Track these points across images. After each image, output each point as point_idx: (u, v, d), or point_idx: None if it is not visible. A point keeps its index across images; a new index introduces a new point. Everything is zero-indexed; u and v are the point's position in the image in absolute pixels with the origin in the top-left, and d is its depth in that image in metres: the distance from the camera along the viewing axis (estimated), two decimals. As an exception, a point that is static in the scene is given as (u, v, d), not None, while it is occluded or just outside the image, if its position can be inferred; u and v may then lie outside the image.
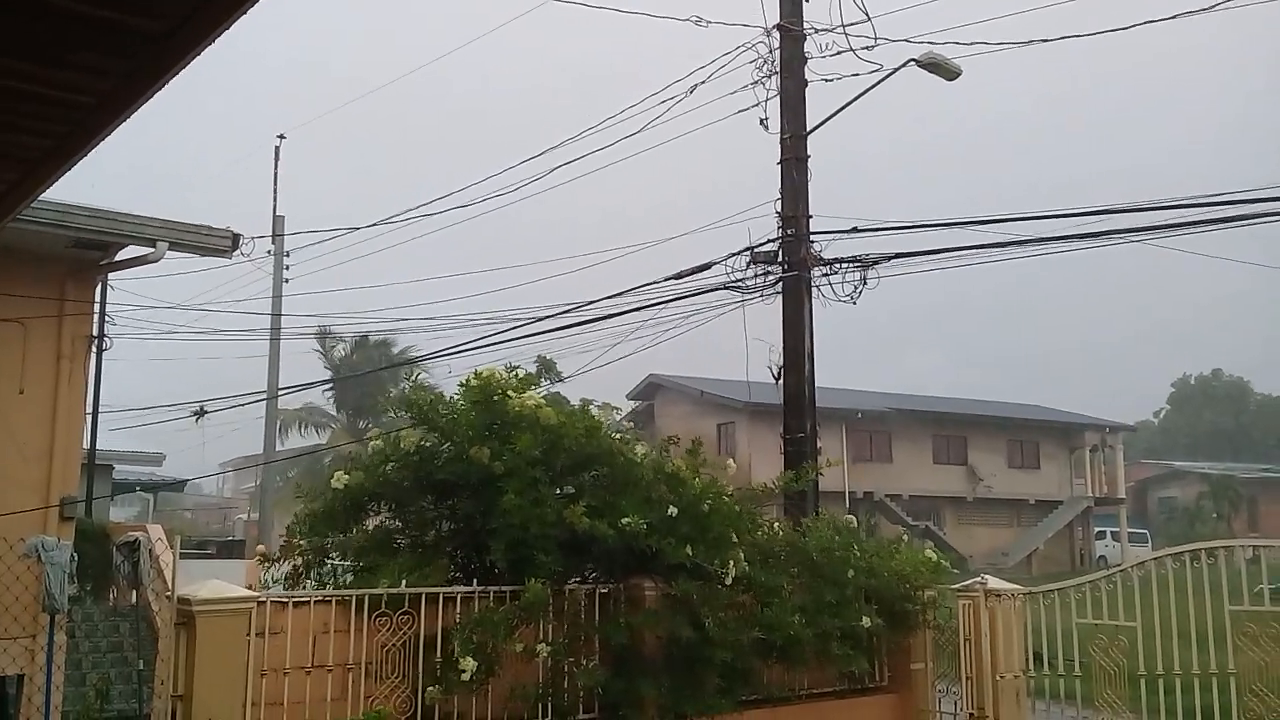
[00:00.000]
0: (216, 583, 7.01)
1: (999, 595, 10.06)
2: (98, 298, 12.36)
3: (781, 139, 13.10)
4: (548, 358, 10.01)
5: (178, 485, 32.85)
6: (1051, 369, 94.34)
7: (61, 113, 3.78)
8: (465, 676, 7.13)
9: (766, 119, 13.19)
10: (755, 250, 13.09)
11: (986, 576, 10.54)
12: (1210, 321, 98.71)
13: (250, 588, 8.59)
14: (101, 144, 4.12)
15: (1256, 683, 8.95)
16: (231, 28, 2.83)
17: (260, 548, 11.54)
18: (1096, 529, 47.00)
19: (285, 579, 8.50)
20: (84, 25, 2.94)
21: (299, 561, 8.50)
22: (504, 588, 7.73)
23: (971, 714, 9.88)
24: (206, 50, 2.91)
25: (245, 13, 2.55)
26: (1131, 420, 58.81)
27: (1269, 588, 10.16)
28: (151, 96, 3.41)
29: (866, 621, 9.07)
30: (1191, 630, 9.26)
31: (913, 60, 13.17)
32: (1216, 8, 11.51)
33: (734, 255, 13.14)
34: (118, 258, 10.85)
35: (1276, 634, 8.85)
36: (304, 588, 8.41)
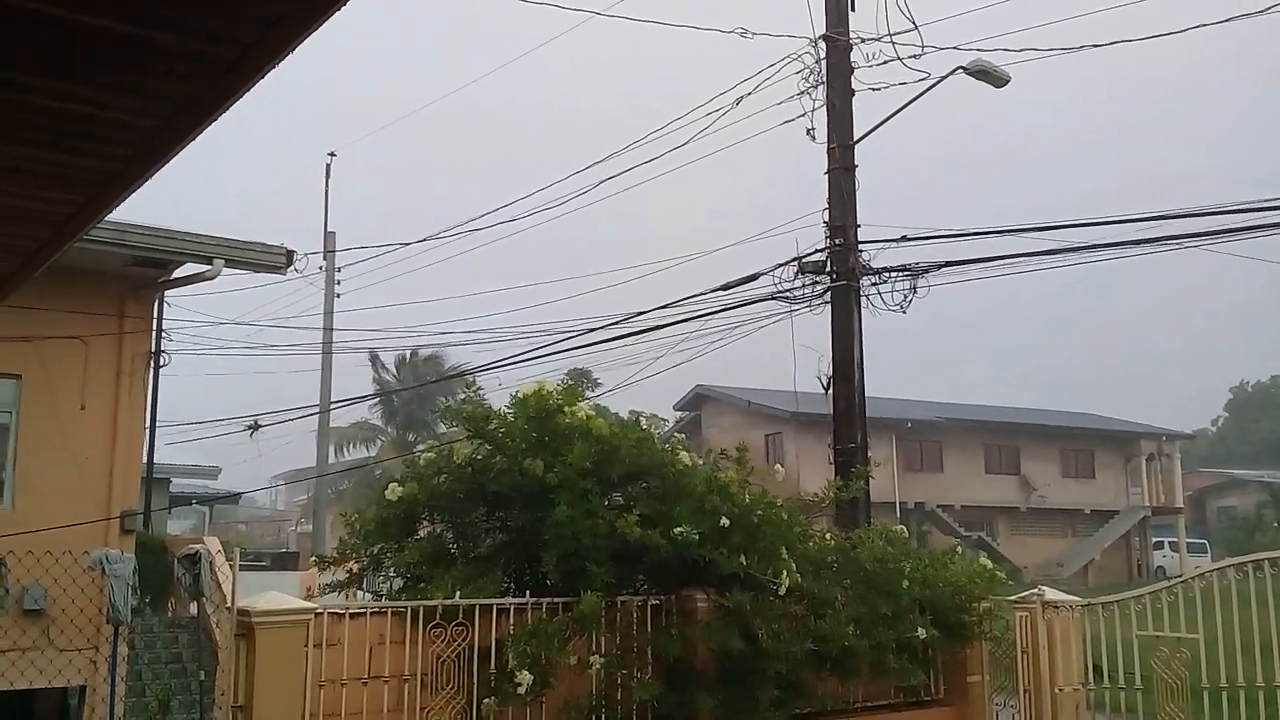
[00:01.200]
0: (275, 594, 7.10)
1: (1056, 607, 9.92)
2: (156, 314, 12.64)
3: (829, 149, 13.06)
4: (582, 369, 10.05)
5: (233, 498, 33.32)
6: (1105, 377, 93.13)
7: (126, 136, 3.86)
8: (521, 689, 7.16)
9: (813, 129, 13.17)
10: (803, 260, 13.05)
11: (1044, 588, 10.39)
12: (1268, 328, 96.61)
13: (309, 593, 8.69)
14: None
15: (1323, 696, 8.75)
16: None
17: (312, 559, 11.68)
18: (1154, 539, 46.14)
19: (338, 586, 8.59)
20: (148, 50, 3.01)
21: (354, 569, 8.60)
22: (556, 599, 7.75)
23: (1029, 727, 9.75)
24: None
25: (310, 37, 2.61)
26: (1189, 428, 57.78)
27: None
28: (215, 120, 3.49)
29: (922, 633, 8.98)
30: (1255, 642, 9.07)
31: (961, 68, 13.08)
32: (1269, 11, 11.32)
33: (781, 265, 13.12)
34: (175, 275, 11.10)
35: (1343, 646, 8.64)
36: (358, 598, 8.51)
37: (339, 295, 27.83)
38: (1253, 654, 9.10)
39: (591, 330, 14.92)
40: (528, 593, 8.16)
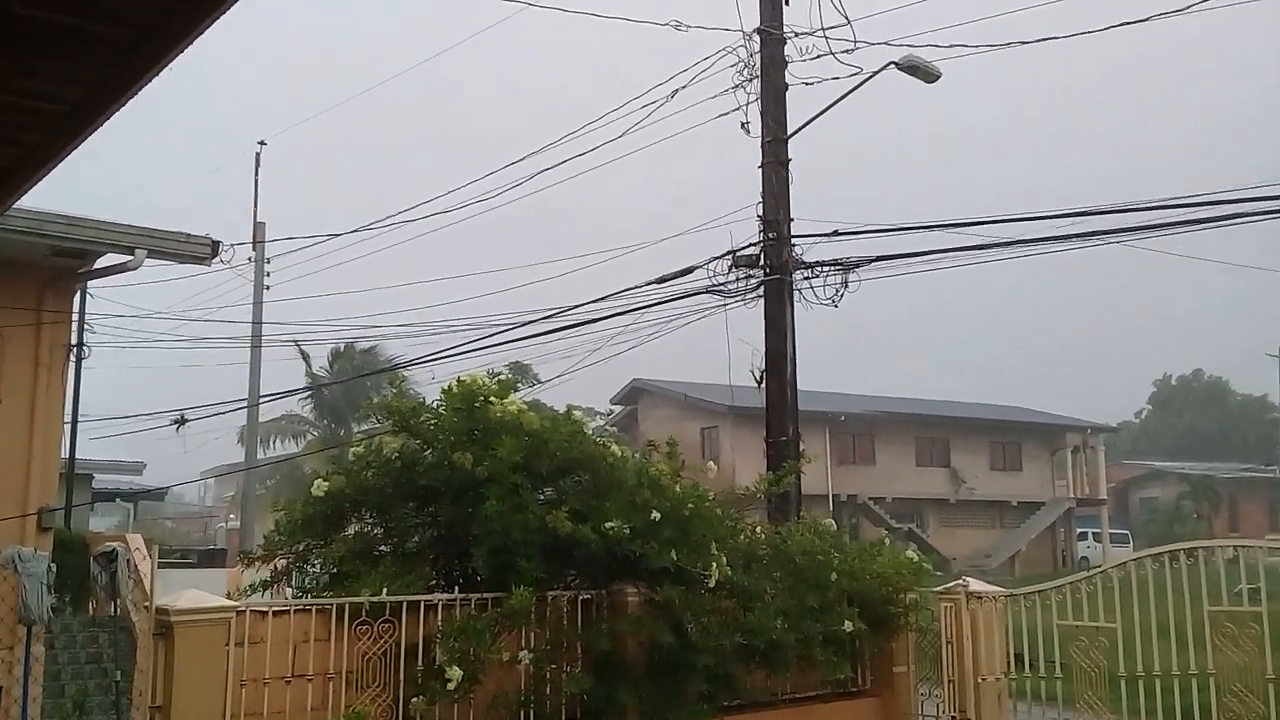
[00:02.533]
0: (195, 592, 6.95)
1: (980, 597, 10.09)
2: (76, 306, 12.32)
3: (762, 143, 13.13)
4: (522, 363, 10.01)
5: (158, 494, 32.61)
6: (1034, 371, 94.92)
7: (33, 120, 3.75)
8: (451, 686, 7.10)
9: (748, 123, 13.23)
10: (737, 254, 13.11)
11: (968, 579, 10.57)
12: (1190, 322, 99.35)
13: (230, 594, 8.53)
14: (76, 153, 4.10)
15: (1236, 683, 8.98)
16: (204, 36, 2.81)
17: (240, 554, 11.48)
18: (1079, 530, 47.22)
19: (263, 585, 8.44)
20: (52, 32, 2.92)
21: (278, 566, 8.46)
22: (486, 595, 7.70)
23: (954, 716, 9.90)
24: (179, 61, 2.90)
25: (215, 21, 2.54)
26: (1113, 421, 59.27)
27: (1248, 588, 10.21)
28: (124, 104, 3.38)
29: (849, 625, 9.09)
30: (1171, 631, 9.29)
31: (893, 63, 13.22)
32: (1190, 9, 11.60)
33: (716, 259, 13.17)
34: (96, 265, 10.81)
35: (1256, 634, 8.88)
36: (283, 595, 8.38)
37: (268, 287, 27.39)
38: (1169, 642, 9.33)
39: (527, 323, 14.86)
40: (457, 589, 8.10)
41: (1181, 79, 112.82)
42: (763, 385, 13.00)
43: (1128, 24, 12.45)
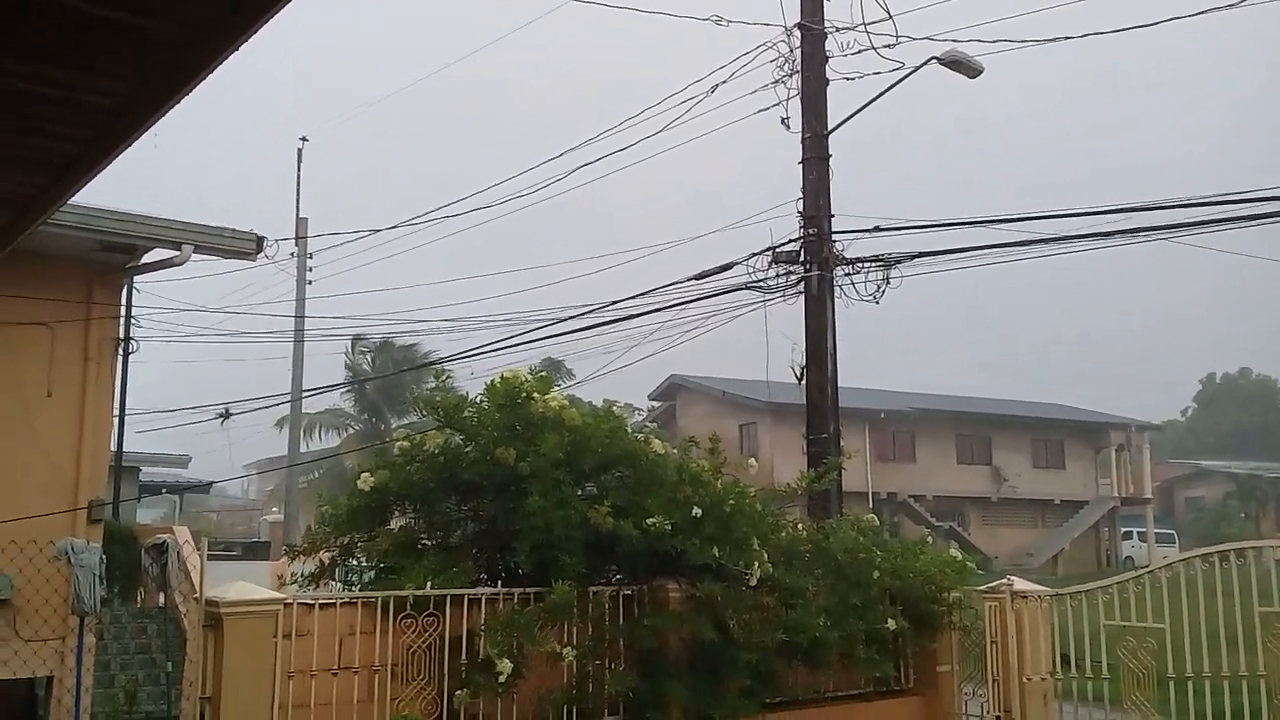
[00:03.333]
0: (244, 584, 7.04)
1: (1025, 596, 9.99)
2: (124, 300, 12.47)
3: (803, 138, 13.06)
4: (555, 358, 10.03)
5: (203, 487, 33.09)
6: (1076, 368, 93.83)
7: (88, 118, 3.80)
8: (502, 678, 7.12)
9: (788, 118, 13.18)
10: (777, 250, 13.06)
11: (1013, 578, 10.46)
12: (1238, 319, 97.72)
13: (278, 580, 8.61)
14: (127, 151, 4.16)
15: (1287, 685, 8.84)
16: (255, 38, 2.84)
17: (283, 549, 11.60)
18: (1123, 529, 46.58)
19: (309, 578, 8.52)
20: (107, 30, 2.96)
21: (325, 559, 8.54)
22: (529, 589, 7.73)
23: (998, 716, 9.82)
24: (232, 60, 2.93)
25: (270, 20, 2.56)
26: (1158, 419, 58.29)
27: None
28: (177, 103, 3.43)
29: (892, 624, 9.03)
30: (1221, 632, 9.16)
31: (934, 58, 13.11)
32: (1243, 3, 11.40)
33: (755, 255, 13.13)
34: (143, 260, 10.93)
35: (1307, 635, 8.74)
36: (329, 588, 8.46)
37: (311, 282, 27.64)
38: (1218, 644, 9.20)
39: (567, 319, 14.90)
40: (499, 583, 8.12)
41: (1228, 66, 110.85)
42: (803, 382, 12.94)
43: (1177, 19, 12.25)
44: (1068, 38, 13.27)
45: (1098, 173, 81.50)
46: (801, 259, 12.95)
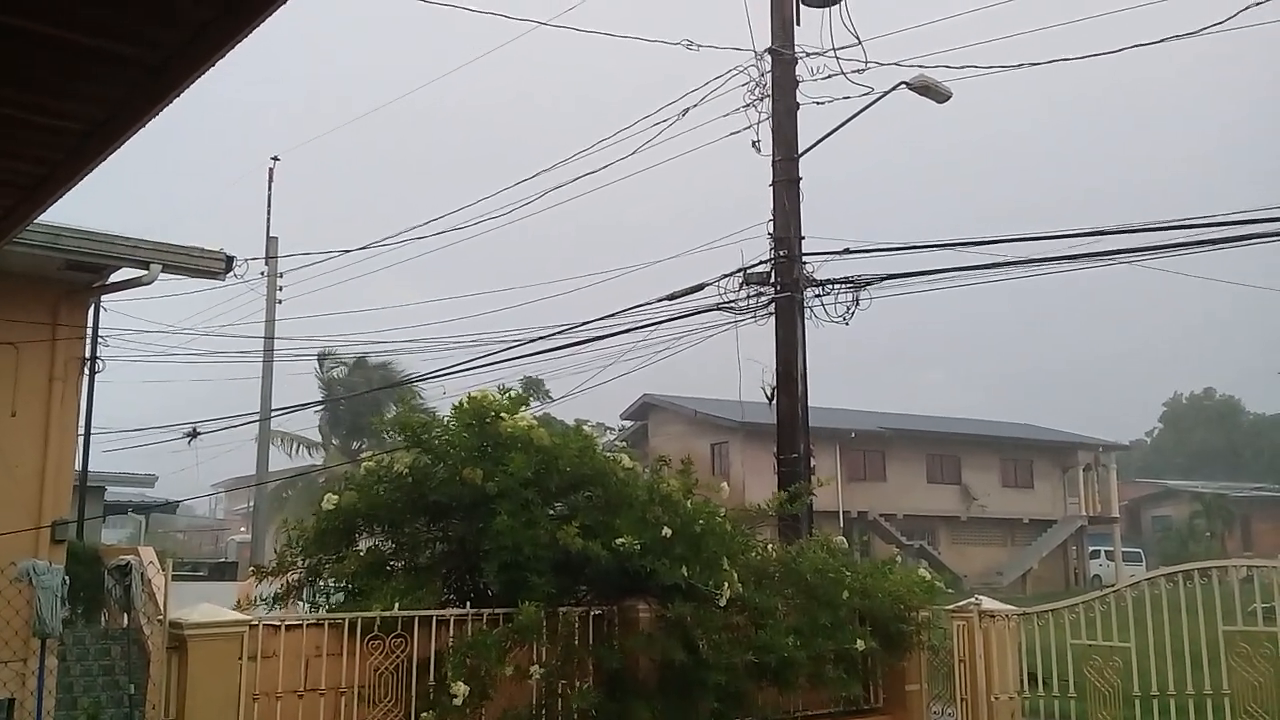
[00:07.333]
0: (208, 606, 6.98)
1: (993, 616, 10.05)
2: (90, 320, 12.37)
3: (773, 161, 13.15)
4: (534, 377, 10.02)
5: (170, 507, 32.72)
6: (1046, 388, 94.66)
7: (57, 140, 3.80)
8: (457, 701, 7.11)
9: (759, 141, 13.25)
10: (748, 271, 13.12)
11: (981, 597, 10.53)
12: (1202, 341, 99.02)
13: (240, 602, 8.54)
14: (95, 170, 4.16)
15: (1251, 703, 8.93)
16: (225, 58, 2.85)
17: (250, 569, 11.49)
18: (1091, 548, 46.96)
19: (275, 599, 8.46)
20: (79, 54, 2.96)
21: (290, 579, 8.47)
22: (497, 610, 7.70)
23: (966, 735, 9.86)
24: (200, 81, 2.94)
25: (240, 43, 2.58)
26: (1125, 439, 58.95)
27: (1263, 607, 10.16)
28: (145, 124, 3.43)
29: (861, 644, 9.05)
30: (1186, 650, 9.25)
31: (904, 83, 13.25)
32: (1202, 32, 11.60)
33: (726, 276, 13.17)
34: (110, 280, 10.86)
35: (1271, 654, 8.84)
36: (295, 609, 8.39)
37: (281, 302, 27.49)
38: (1183, 662, 9.28)
39: (539, 339, 14.89)
40: (468, 604, 8.10)
41: (1191, 92, 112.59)
42: (774, 402, 13.00)
43: (1141, 45, 12.44)
44: (1033, 64, 13.44)
45: (1073, 197, 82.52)
46: (772, 280, 13.02)
